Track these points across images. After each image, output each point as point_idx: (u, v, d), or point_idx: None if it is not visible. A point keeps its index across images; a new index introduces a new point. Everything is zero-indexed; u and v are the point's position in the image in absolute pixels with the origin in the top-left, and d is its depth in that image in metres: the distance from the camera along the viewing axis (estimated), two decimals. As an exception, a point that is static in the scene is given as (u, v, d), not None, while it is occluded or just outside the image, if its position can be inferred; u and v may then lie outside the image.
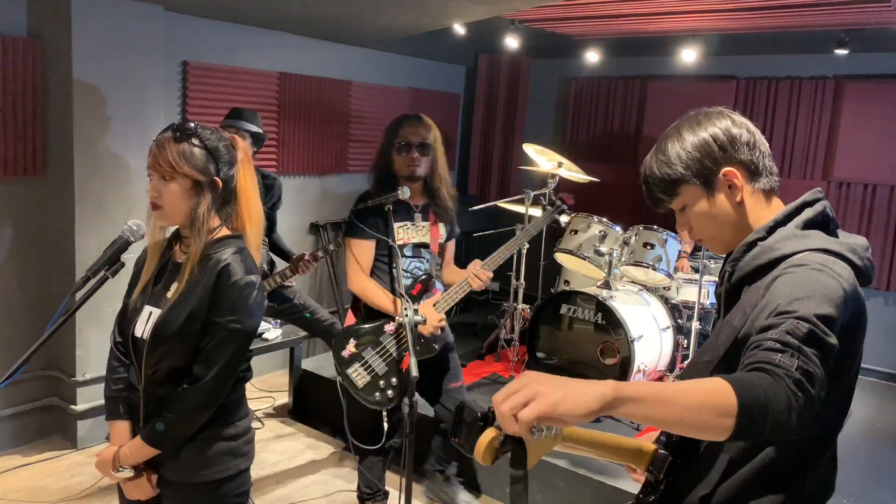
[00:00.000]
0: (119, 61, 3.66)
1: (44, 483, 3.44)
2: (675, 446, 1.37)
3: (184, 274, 1.72)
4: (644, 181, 1.42)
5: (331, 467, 3.80)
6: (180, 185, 1.69)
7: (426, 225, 2.92)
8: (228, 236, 1.77)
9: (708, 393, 1.03)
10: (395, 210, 2.81)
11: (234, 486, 1.80)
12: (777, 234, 1.30)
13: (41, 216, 3.71)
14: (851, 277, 1.22)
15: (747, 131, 1.36)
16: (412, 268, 2.91)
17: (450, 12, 4.10)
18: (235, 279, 1.69)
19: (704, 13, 4.14)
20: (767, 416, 1.03)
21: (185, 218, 1.73)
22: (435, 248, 2.95)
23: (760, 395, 1.03)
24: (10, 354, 3.65)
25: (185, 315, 1.69)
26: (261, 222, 1.84)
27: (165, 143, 1.70)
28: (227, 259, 1.71)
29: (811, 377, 1.06)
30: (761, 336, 1.11)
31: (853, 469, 3.52)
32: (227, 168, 1.75)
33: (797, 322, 1.10)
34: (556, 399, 1.00)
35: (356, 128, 5.38)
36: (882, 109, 4.88)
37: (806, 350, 1.07)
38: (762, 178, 1.36)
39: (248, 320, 1.72)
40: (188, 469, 1.76)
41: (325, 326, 3.90)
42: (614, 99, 6.03)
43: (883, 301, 4.98)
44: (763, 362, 1.07)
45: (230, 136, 1.81)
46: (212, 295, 1.69)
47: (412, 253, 2.89)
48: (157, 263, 1.81)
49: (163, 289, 1.77)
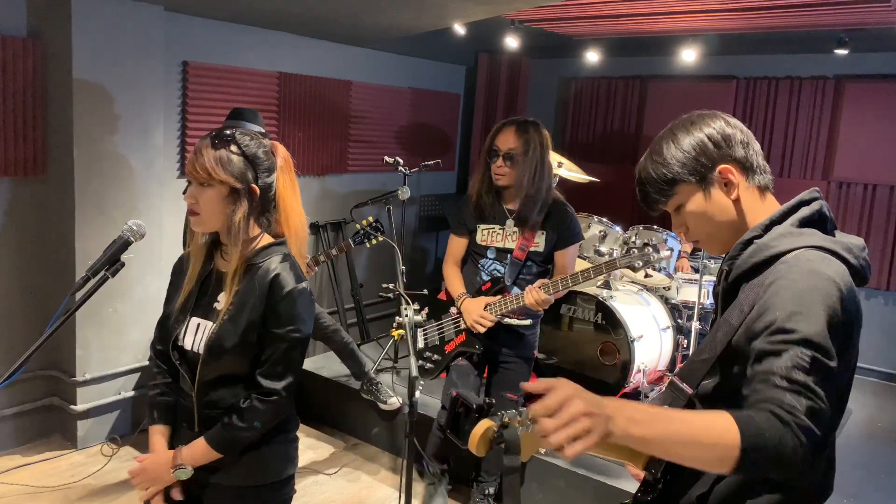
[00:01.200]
0: (119, 61, 3.66)
1: (44, 483, 3.44)
2: None
3: (230, 284, 1.70)
4: (639, 183, 1.43)
5: (331, 467, 3.80)
6: (217, 191, 1.67)
7: (517, 231, 2.92)
8: (272, 244, 1.75)
9: (716, 438, 1.09)
10: (491, 212, 2.93)
11: (284, 490, 1.81)
12: (773, 231, 1.30)
13: (41, 216, 3.71)
14: (847, 277, 1.22)
15: (740, 131, 1.38)
16: (491, 269, 2.96)
17: (450, 12, 4.10)
18: (289, 289, 1.69)
19: (704, 13, 4.14)
20: (770, 461, 1.08)
21: (221, 225, 1.71)
22: (519, 255, 2.91)
23: (767, 441, 1.07)
24: (10, 354, 3.65)
25: (241, 329, 1.68)
26: (302, 230, 1.84)
27: (203, 150, 1.67)
28: (276, 269, 1.69)
29: (819, 416, 1.09)
30: (766, 368, 1.14)
31: (852, 469, 3.52)
32: (266, 175, 1.72)
33: (801, 352, 1.12)
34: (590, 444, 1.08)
35: (356, 128, 5.38)
36: (882, 109, 4.89)
37: (813, 388, 1.10)
38: (756, 175, 1.37)
39: (305, 327, 1.72)
40: (246, 473, 1.75)
41: (327, 332, 3.90)
42: (614, 99, 6.03)
43: (883, 301, 4.98)
44: (772, 402, 1.10)
45: (271, 142, 1.79)
46: (266, 306, 1.68)
47: (495, 255, 2.96)
48: (199, 272, 1.79)
49: (210, 300, 1.75)
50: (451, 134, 6.38)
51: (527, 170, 2.78)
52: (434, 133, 6.16)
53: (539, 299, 2.71)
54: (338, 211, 5.37)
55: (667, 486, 1.37)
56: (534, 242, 2.91)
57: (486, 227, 2.95)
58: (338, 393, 4.20)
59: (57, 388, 3.83)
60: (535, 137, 2.79)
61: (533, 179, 2.79)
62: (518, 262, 2.92)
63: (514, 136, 2.78)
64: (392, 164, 4.48)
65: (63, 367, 3.78)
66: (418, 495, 3.41)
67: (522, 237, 2.90)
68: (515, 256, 2.91)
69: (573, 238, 2.95)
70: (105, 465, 3.60)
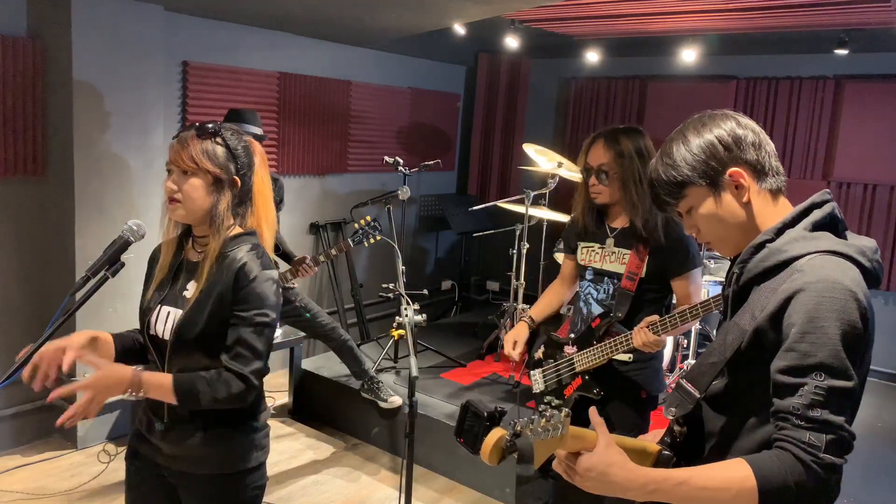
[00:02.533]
0: (119, 61, 3.66)
1: (44, 483, 3.43)
2: (680, 448, 1.37)
3: (202, 273, 1.73)
4: (650, 185, 1.43)
5: (331, 467, 3.80)
6: (202, 179, 1.72)
7: (620, 251, 2.53)
8: (243, 234, 1.79)
9: (736, 491, 1.16)
10: (593, 228, 2.60)
11: (253, 478, 1.82)
12: (785, 235, 1.29)
13: (41, 216, 3.71)
14: (863, 282, 1.22)
15: (752, 132, 1.36)
16: (586, 293, 2.62)
17: (450, 12, 4.10)
18: (255, 275, 1.71)
19: (704, 13, 4.14)
20: (793, 501, 1.14)
21: (202, 214, 1.75)
22: (628, 285, 2.49)
23: (787, 484, 1.14)
24: (10, 354, 3.65)
25: (206, 315, 1.70)
26: (274, 222, 1.88)
27: (189, 140, 1.72)
28: (244, 258, 1.73)
29: (840, 446, 1.14)
30: (785, 406, 1.17)
31: (853, 469, 3.51)
32: (245, 169, 1.78)
33: (815, 386, 1.15)
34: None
35: (356, 128, 5.38)
36: (882, 109, 4.88)
37: (832, 420, 1.14)
38: (769, 178, 1.35)
39: (272, 312, 1.73)
40: (214, 462, 1.78)
41: (325, 330, 3.90)
42: (614, 99, 6.03)
43: (883, 301, 4.99)
44: (791, 442, 1.15)
45: (248, 139, 1.84)
46: (233, 293, 1.70)
47: (592, 277, 2.60)
48: (170, 262, 1.83)
49: (181, 289, 1.79)
50: (451, 134, 6.38)
51: (628, 184, 2.44)
52: (434, 133, 6.16)
53: (648, 341, 2.31)
54: (338, 211, 5.37)
55: None
56: (642, 269, 2.49)
57: (586, 246, 2.62)
58: (338, 393, 4.20)
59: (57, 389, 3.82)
60: (629, 146, 2.45)
61: (637, 193, 2.42)
62: (628, 294, 2.49)
63: (603, 149, 2.47)
64: (392, 164, 4.48)
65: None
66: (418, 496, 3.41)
67: (630, 263, 2.50)
68: (624, 287, 2.50)
69: (689, 262, 2.46)
70: (106, 467, 3.60)
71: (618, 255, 2.54)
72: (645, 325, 2.33)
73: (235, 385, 1.67)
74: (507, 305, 4.72)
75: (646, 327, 2.32)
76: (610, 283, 2.55)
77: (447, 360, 4.59)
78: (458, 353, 4.71)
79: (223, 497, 1.80)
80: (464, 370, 4.49)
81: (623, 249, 2.52)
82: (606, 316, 2.48)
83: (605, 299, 2.56)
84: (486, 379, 4.37)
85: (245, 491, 1.81)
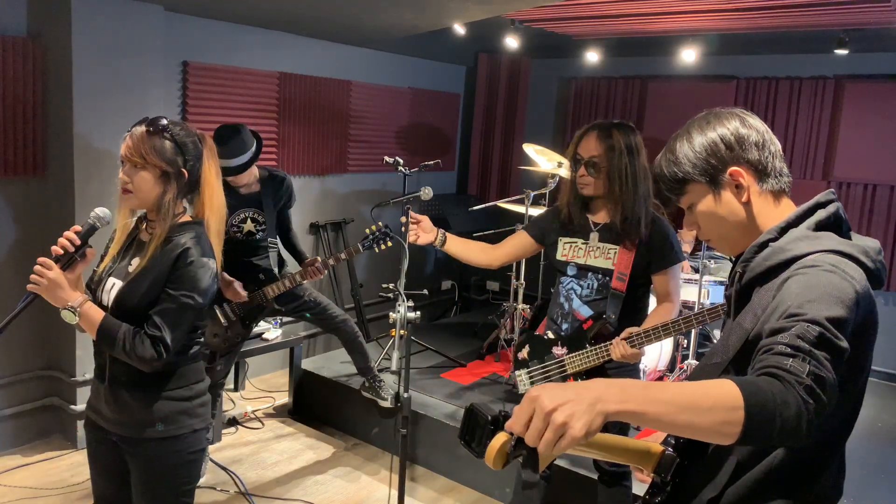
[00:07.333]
0: (119, 61, 3.65)
1: (44, 483, 3.44)
2: (683, 448, 1.36)
3: (146, 252, 1.90)
4: (654, 180, 1.45)
5: (331, 467, 3.80)
6: (150, 173, 1.88)
7: (604, 247, 2.53)
8: (189, 222, 1.96)
9: (715, 398, 1.03)
10: (574, 224, 2.59)
11: (187, 444, 1.96)
12: (789, 235, 1.29)
13: (41, 216, 3.71)
14: (863, 280, 1.21)
15: (757, 132, 1.36)
16: (568, 289, 2.61)
17: (450, 12, 4.09)
18: (192, 260, 1.87)
19: (704, 13, 4.14)
20: (775, 423, 1.02)
21: (152, 203, 1.91)
22: (619, 286, 2.48)
23: (770, 401, 1.02)
24: (10, 354, 3.66)
25: (143, 289, 1.87)
26: (221, 210, 2.00)
27: (139, 136, 1.88)
28: (186, 243, 1.88)
29: (823, 382, 1.05)
30: (772, 339, 1.11)
31: (853, 469, 3.49)
32: (193, 161, 1.93)
33: (808, 325, 1.09)
34: (579, 431, 0.99)
35: (356, 128, 5.38)
36: (882, 109, 4.88)
37: (817, 354, 1.07)
38: (771, 179, 1.35)
39: (200, 297, 1.89)
40: (150, 426, 1.92)
41: (336, 323, 3.89)
42: (614, 99, 6.03)
43: (883, 301, 4.98)
44: (774, 367, 1.07)
45: (199, 132, 1.98)
46: (169, 273, 1.87)
47: (574, 273, 2.59)
48: (124, 240, 2.01)
49: (127, 264, 1.96)
50: (450, 134, 6.38)
51: (614, 178, 2.44)
52: (434, 133, 6.16)
53: (627, 353, 2.32)
54: (338, 211, 5.37)
55: (675, 489, 1.36)
56: (628, 265, 2.50)
57: (569, 241, 2.61)
58: (338, 393, 4.20)
59: (57, 388, 3.82)
60: (620, 141, 2.44)
61: (622, 189, 2.43)
62: (619, 295, 2.49)
63: (595, 141, 2.46)
64: (392, 164, 4.47)
65: (63, 368, 3.78)
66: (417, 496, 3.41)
67: (619, 264, 2.49)
68: (615, 288, 2.49)
69: (673, 257, 2.49)
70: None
71: (602, 251, 2.54)
72: (625, 336, 2.35)
73: (147, 348, 1.82)
74: (507, 305, 4.72)
75: (624, 339, 2.34)
76: (594, 279, 2.55)
77: (447, 360, 4.59)
78: (458, 353, 4.72)
79: (161, 460, 1.95)
80: (464, 370, 4.50)
81: (608, 244, 2.53)
82: (598, 318, 2.49)
83: (589, 295, 2.56)
84: (487, 379, 4.37)
85: (181, 455, 1.96)
